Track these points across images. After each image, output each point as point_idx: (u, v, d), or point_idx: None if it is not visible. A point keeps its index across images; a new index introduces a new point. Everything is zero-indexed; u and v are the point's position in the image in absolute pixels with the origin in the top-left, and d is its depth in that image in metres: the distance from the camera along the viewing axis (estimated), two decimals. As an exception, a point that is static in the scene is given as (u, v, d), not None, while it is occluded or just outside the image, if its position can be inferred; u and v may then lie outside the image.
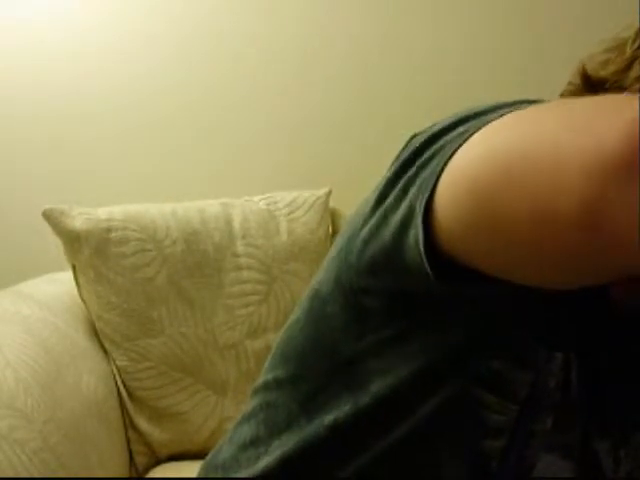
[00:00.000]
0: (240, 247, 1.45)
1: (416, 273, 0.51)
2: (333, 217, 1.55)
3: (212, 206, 1.49)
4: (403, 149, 0.57)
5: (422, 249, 0.48)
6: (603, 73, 0.61)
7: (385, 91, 1.69)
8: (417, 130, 0.58)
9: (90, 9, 1.69)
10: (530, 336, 0.57)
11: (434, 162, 0.50)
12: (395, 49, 1.68)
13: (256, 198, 1.53)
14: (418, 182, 0.51)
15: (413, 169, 0.52)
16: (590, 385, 0.58)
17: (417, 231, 0.49)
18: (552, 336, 0.58)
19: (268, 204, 1.51)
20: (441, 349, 0.56)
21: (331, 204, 1.55)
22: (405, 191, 0.52)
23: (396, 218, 0.52)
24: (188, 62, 1.71)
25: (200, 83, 1.71)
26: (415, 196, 0.50)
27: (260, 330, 1.44)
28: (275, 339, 0.71)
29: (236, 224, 1.47)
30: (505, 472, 0.58)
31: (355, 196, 0.69)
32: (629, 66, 0.60)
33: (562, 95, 0.67)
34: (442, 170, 0.48)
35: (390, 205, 0.53)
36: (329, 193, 1.54)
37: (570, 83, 0.64)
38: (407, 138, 0.58)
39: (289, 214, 1.50)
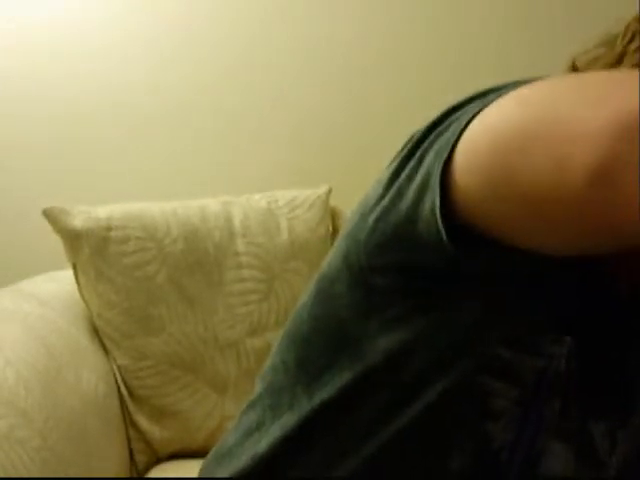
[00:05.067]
0: (240, 245, 1.45)
1: (430, 243, 0.51)
2: (333, 215, 1.55)
3: (212, 204, 1.49)
4: (404, 146, 0.57)
5: (438, 211, 0.49)
6: (593, 68, 0.62)
7: (385, 90, 1.69)
8: (416, 128, 0.58)
9: (90, 8, 1.68)
10: (536, 318, 0.57)
11: (450, 131, 0.50)
12: (395, 48, 1.68)
13: (257, 196, 1.53)
14: (433, 151, 0.51)
15: (427, 142, 0.53)
16: (589, 367, 0.58)
17: (434, 196, 0.49)
18: (557, 317, 0.58)
19: (269, 202, 1.51)
20: (447, 331, 0.56)
21: (331, 202, 1.55)
22: (420, 163, 0.52)
23: (412, 188, 0.52)
24: (188, 61, 1.70)
25: (200, 82, 1.71)
26: (431, 164, 0.51)
27: (260, 328, 1.44)
28: (275, 338, 0.71)
29: (236, 222, 1.47)
30: (516, 461, 0.58)
31: (355, 195, 0.69)
32: (619, 61, 0.61)
33: None
34: (460, 136, 0.49)
35: (405, 179, 0.54)
36: (329, 191, 1.54)
37: None
38: (407, 136, 0.58)
39: (289, 212, 1.50)
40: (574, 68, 0.64)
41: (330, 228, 1.53)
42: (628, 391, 0.61)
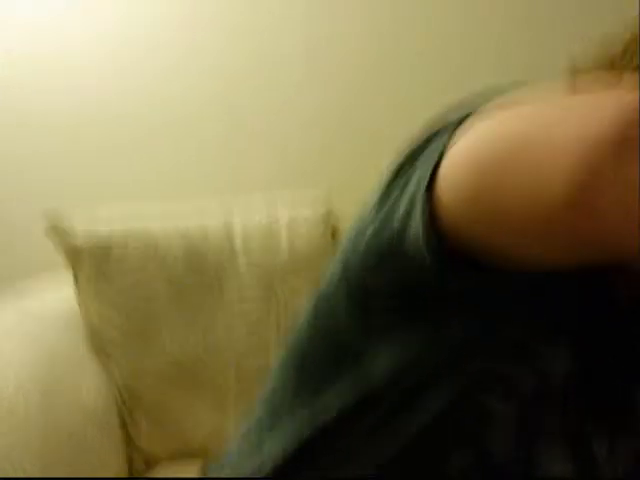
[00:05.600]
0: (241, 264, 1.45)
1: (417, 262, 0.51)
2: (334, 234, 1.55)
3: (214, 223, 1.49)
4: (400, 154, 0.58)
5: (422, 230, 0.49)
6: (594, 70, 0.63)
7: (385, 92, 1.69)
8: (416, 130, 0.58)
9: (92, 13, 1.70)
10: (535, 324, 0.57)
11: (432, 147, 0.51)
12: (395, 50, 1.68)
13: (257, 216, 1.53)
14: (419, 171, 0.52)
15: (422, 157, 0.53)
16: (588, 373, 0.59)
17: (418, 222, 0.50)
18: (556, 323, 0.58)
19: (270, 222, 1.52)
20: (446, 347, 0.56)
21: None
22: (407, 182, 0.53)
23: (402, 205, 0.53)
24: (189, 68, 1.71)
25: (200, 86, 1.72)
26: (415, 190, 0.51)
27: (260, 347, 1.43)
28: (275, 356, 0.71)
29: (237, 241, 1.47)
30: (514, 465, 0.58)
31: (355, 196, 0.69)
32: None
33: None
34: (442, 154, 0.49)
35: (394, 200, 0.54)
36: (330, 212, 1.55)
37: None
38: (407, 139, 0.59)
39: (290, 231, 1.50)
40: (574, 69, 0.65)
41: (330, 245, 1.53)
42: (626, 396, 0.61)
